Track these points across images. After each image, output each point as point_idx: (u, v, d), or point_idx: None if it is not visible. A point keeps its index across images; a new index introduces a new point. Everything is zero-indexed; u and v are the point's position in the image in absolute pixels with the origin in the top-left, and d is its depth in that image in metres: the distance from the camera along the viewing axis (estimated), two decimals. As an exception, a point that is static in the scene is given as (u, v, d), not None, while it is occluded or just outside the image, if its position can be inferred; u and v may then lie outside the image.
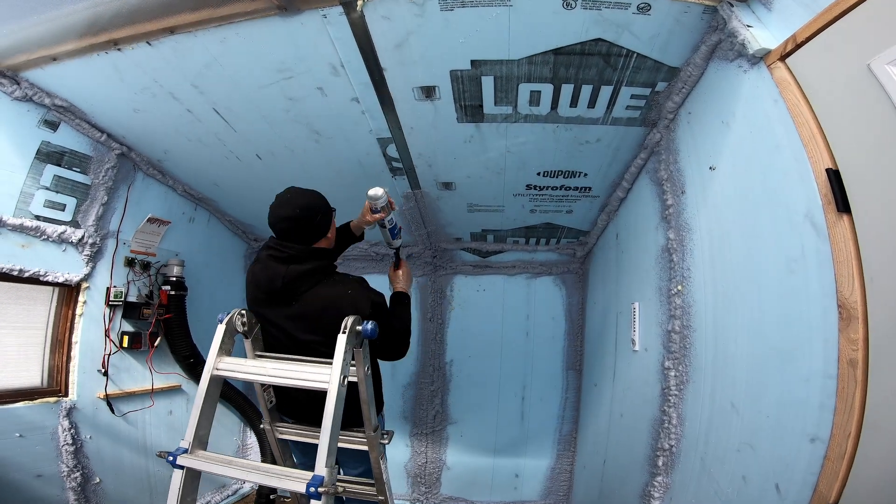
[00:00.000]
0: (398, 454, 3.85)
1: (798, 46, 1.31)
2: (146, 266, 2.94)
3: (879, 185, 1.03)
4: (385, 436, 2.08)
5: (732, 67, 1.64)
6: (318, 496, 1.44)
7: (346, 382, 1.65)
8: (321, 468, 1.49)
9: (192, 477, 1.66)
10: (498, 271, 3.90)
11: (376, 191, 2.07)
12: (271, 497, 3.58)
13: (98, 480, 2.60)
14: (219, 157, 2.77)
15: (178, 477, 1.63)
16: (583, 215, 3.21)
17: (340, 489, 1.55)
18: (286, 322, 1.90)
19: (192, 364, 3.14)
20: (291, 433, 2.11)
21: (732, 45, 1.59)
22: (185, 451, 1.65)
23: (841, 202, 1.08)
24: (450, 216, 3.36)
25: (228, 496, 3.46)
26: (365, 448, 1.97)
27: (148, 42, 1.97)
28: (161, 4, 1.82)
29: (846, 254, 1.06)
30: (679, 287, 1.95)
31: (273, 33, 1.88)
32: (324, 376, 1.64)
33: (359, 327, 1.72)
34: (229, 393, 3.48)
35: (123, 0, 1.80)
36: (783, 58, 1.38)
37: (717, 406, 1.64)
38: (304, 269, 1.87)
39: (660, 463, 1.99)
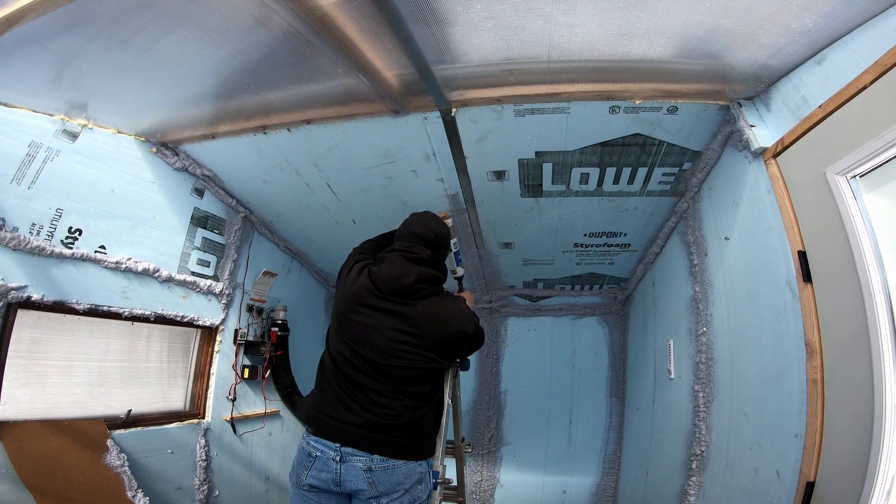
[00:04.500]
0: (454, 473, 4.21)
1: (785, 148, 1.66)
2: (260, 311, 3.55)
3: (828, 265, 1.51)
4: (469, 446, 2.60)
5: (740, 157, 2.00)
6: (436, 486, 1.94)
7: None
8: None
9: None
10: (547, 313, 4.35)
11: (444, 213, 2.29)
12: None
13: (217, 493, 2.92)
14: (321, 220, 3.33)
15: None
16: (623, 265, 3.64)
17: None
18: (387, 322, 1.81)
19: (289, 392, 3.65)
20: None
21: (740, 138, 1.94)
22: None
23: (806, 275, 1.57)
24: (506, 268, 3.85)
25: None
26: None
27: (288, 129, 2.40)
28: (307, 99, 2.19)
29: (809, 309, 1.55)
30: (704, 328, 2.40)
31: (384, 128, 2.35)
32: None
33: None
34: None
35: (284, 95, 2.17)
36: (775, 156, 1.73)
37: (735, 417, 2.07)
38: (432, 274, 1.92)
39: (693, 466, 2.38)
